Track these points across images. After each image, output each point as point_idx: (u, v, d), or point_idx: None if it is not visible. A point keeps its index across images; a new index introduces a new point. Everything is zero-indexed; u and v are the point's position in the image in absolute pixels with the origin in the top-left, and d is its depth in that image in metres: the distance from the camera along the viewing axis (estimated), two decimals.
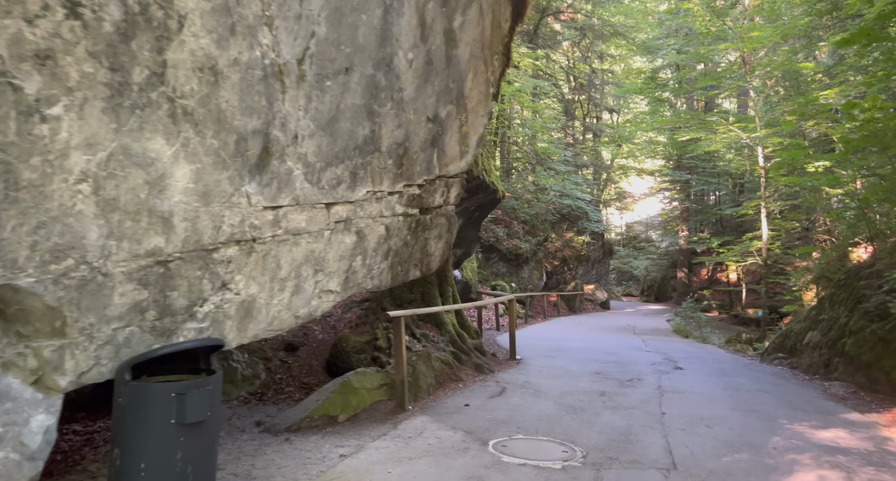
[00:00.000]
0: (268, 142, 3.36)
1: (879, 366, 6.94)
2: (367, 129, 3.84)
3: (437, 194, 4.54)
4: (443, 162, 4.39)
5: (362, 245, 4.14)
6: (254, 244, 3.53)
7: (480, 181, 12.26)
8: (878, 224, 8.32)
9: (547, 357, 9.34)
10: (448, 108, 4.29)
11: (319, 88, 3.50)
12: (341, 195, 3.87)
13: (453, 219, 5.01)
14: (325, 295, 4.04)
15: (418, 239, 4.50)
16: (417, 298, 7.77)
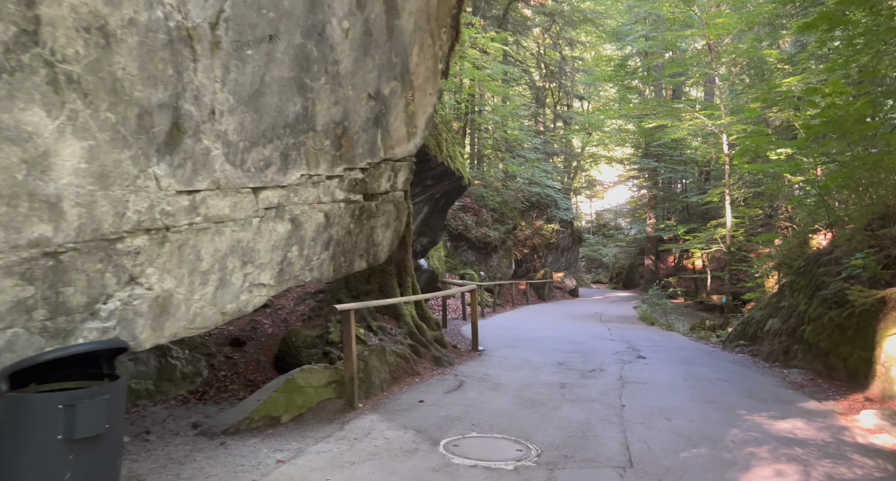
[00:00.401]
0: (178, 118, 2.96)
1: (837, 354, 6.96)
2: (298, 106, 3.47)
3: (382, 179, 4.21)
4: (388, 143, 4.06)
5: (298, 234, 3.78)
6: (167, 233, 3.14)
7: (445, 167, 11.94)
8: (838, 211, 8.36)
9: (510, 347, 9.16)
10: (392, 85, 3.94)
11: (239, 58, 3.11)
12: (271, 179, 3.50)
13: (402, 205, 4.69)
14: (256, 289, 3.68)
15: (363, 227, 4.17)
16: (375, 289, 7.44)
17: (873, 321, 6.53)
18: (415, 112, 4.21)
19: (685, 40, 20.08)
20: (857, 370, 6.66)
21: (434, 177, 11.92)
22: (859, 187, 8.11)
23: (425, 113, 4.36)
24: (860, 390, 6.50)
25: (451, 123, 13.30)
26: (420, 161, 11.13)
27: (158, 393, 5.60)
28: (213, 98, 3.07)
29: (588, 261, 51.69)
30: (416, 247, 14.02)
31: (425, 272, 14.68)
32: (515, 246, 28.36)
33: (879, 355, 6.34)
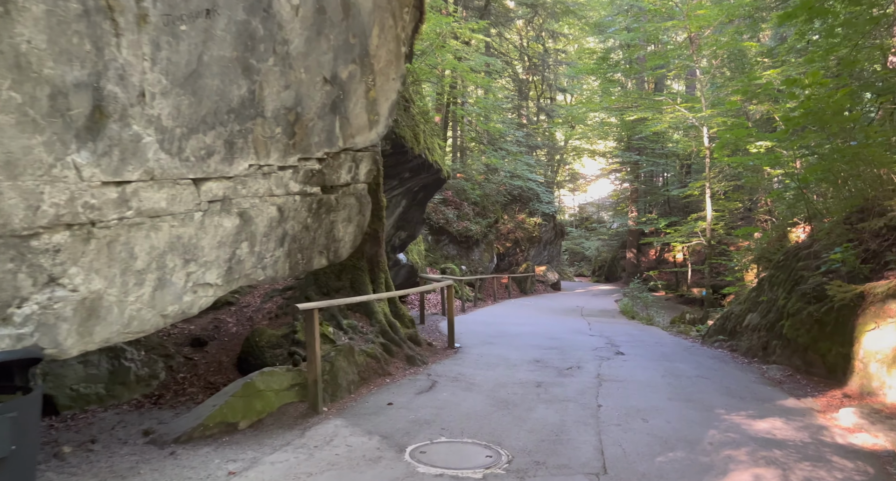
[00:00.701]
0: (100, 100, 2.65)
1: (815, 349, 6.88)
2: (243, 89, 3.16)
3: (342, 170, 3.92)
4: (347, 132, 3.77)
5: (248, 229, 3.49)
6: (93, 229, 2.83)
7: (423, 160, 11.65)
8: (817, 204, 8.29)
9: (488, 344, 8.96)
10: (350, 69, 3.65)
11: (171, 34, 2.79)
12: (215, 169, 3.19)
13: (365, 199, 4.40)
14: (201, 289, 3.37)
15: (322, 222, 3.88)
16: (346, 286, 7.15)
17: (852, 316, 6.45)
18: (376, 98, 3.92)
19: (666, 33, 20.00)
20: (835, 366, 6.58)
21: (411, 169, 11.63)
22: (838, 180, 8.03)
23: (388, 99, 4.08)
24: (838, 386, 6.42)
25: (429, 114, 12.99)
26: (396, 153, 10.85)
27: (110, 397, 5.27)
28: (143, 79, 2.76)
29: (571, 254, 51.88)
30: (394, 241, 13.74)
31: (404, 267, 14.42)
32: (498, 240, 28.22)
33: (858, 351, 6.26)
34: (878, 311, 6.22)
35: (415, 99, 11.66)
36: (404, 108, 10.74)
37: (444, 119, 27.76)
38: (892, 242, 6.65)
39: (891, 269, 6.56)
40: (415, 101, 11.53)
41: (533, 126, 34.39)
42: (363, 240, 7.28)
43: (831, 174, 7.90)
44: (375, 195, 7.42)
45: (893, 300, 6.10)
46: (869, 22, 8.06)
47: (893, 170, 6.65)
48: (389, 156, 10.56)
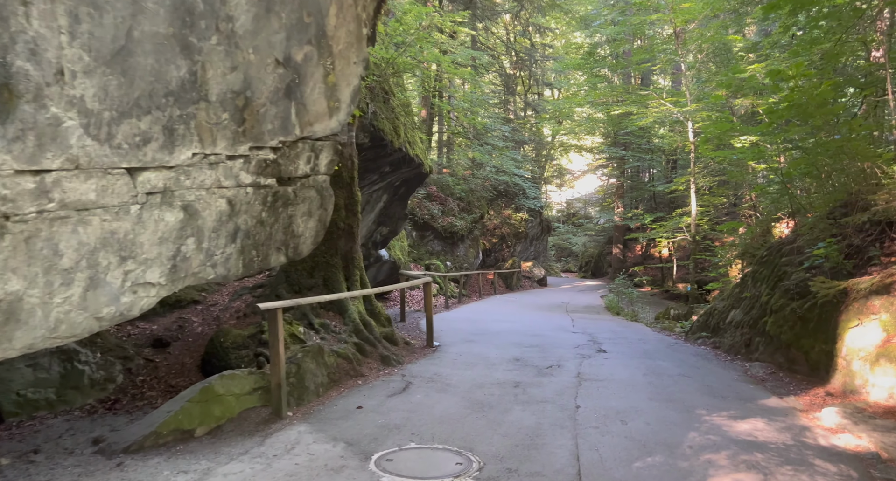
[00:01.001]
0: (8, 78, 2.36)
1: (798, 346, 6.76)
2: (183, 70, 2.88)
3: (300, 161, 3.65)
4: (305, 119, 3.50)
5: (194, 224, 3.21)
6: (6, 223, 2.54)
7: (403, 154, 11.38)
8: (800, 199, 8.17)
9: (468, 342, 8.74)
10: (305, 50, 3.38)
11: (92, 5, 2.51)
12: (152, 158, 2.91)
13: (327, 192, 4.13)
14: (142, 289, 3.10)
15: (279, 216, 3.62)
16: (319, 283, 6.89)
17: (835, 313, 6.33)
18: (336, 83, 3.65)
19: (652, 27, 19.88)
20: (818, 363, 6.46)
21: (392, 163, 11.36)
22: (822, 174, 7.92)
23: (350, 85, 3.81)
24: (821, 384, 6.31)
25: (410, 107, 12.71)
26: (375, 146, 10.57)
27: (61, 402, 4.97)
28: (60, 55, 2.47)
29: (558, 250, 51.94)
30: (375, 237, 13.47)
31: (386, 263, 14.16)
32: (484, 235, 28.04)
33: (841, 348, 6.14)
34: (861, 308, 6.11)
35: (395, 91, 11.37)
36: (383, 101, 10.46)
37: (428, 113, 27.47)
38: (876, 237, 6.54)
39: (874, 265, 6.45)
40: (395, 94, 11.25)
41: (520, 121, 34.21)
42: (337, 235, 7.02)
43: (815, 168, 7.78)
44: (350, 189, 7.16)
45: (876, 296, 5.98)
46: (853, 14, 7.94)
47: (877, 164, 6.53)
48: (368, 149, 10.28)
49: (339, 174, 6.95)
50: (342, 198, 6.97)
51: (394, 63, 10.66)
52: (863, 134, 6.62)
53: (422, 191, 21.23)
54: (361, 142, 9.91)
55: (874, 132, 6.97)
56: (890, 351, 5.55)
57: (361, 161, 10.74)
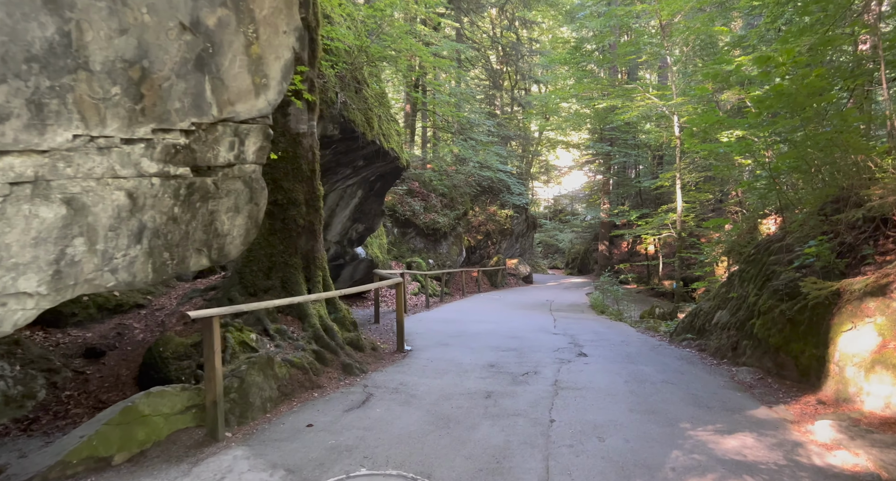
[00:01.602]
0: None
1: (787, 350, 6.38)
2: (50, 30, 2.35)
3: (220, 147, 3.13)
4: (224, 97, 2.98)
5: (83, 221, 2.69)
6: None
7: (378, 147, 10.85)
8: (788, 194, 7.80)
9: (442, 345, 8.27)
10: (219, 14, 2.86)
11: None
12: (14, 139, 2.38)
13: (258, 184, 3.61)
14: (14, 300, 2.57)
15: (197, 213, 3.10)
16: (276, 285, 6.36)
17: (827, 315, 5.96)
18: (262, 56, 3.14)
19: (637, 21, 19.50)
20: (808, 369, 6.09)
21: (365, 157, 10.83)
22: (811, 169, 7.55)
23: (280, 58, 3.29)
24: (812, 391, 5.94)
25: (386, 99, 12.17)
26: (346, 139, 10.03)
27: None
28: None
29: (545, 246, 51.73)
30: (351, 234, 12.94)
31: (363, 261, 13.64)
32: (468, 232, 27.60)
33: (833, 353, 5.77)
34: (854, 310, 5.73)
35: (368, 81, 10.83)
36: (355, 90, 9.92)
37: (412, 108, 26.91)
38: (870, 235, 6.17)
39: (868, 264, 6.08)
40: (368, 84, 10.71)
41: (505, 116, 33.76)
42: (296, 233, 6.49)
43: (804, 162, 7.40)
44: (311, 183, 6.64)
45: (871, 298, 5.61)
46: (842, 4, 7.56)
47: (871, 157, 6.15)
48: (339, 142, 9.75)
49: (298, 167, 6.42)
50: (302, 192, 6.44)
51: (366, 51, 10.12)
52: (854, 126, 6.24)
53: (403, 187, 20.70)
54: (331, 134, 9.37)
55: (864, 124, 6.59)
56: (886, 357, 5.17)
57: (332, 155, 10.21)
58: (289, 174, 6.30)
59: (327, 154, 9.97)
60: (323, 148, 9.71)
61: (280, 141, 6.25)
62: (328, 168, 10.63)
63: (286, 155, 6.29)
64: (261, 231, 6.34)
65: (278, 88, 3.34)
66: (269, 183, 6.37)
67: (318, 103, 6.72)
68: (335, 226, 12.33)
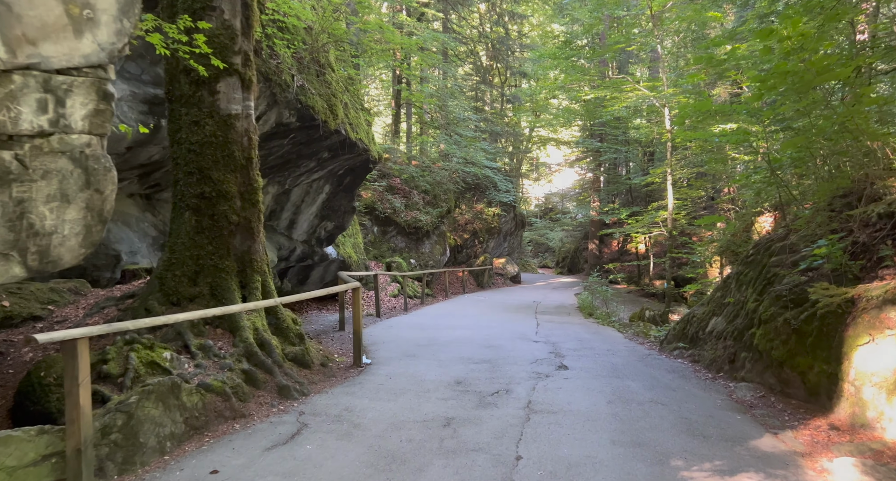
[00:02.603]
0: None
1: (793, 365, 5.58)
2: None
3: (23, 106, 2.23)
4: (16, 32, 2.10)
5: None
6: None
7: (343, 137, 9.95)
8: (791, 188, 7.02)
9: (408, 357, 7.41)
10: None
11: None
12: None
13: (100, 163, 2.67)
14: None
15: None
16: (205, 293, 5.47)
17: (840, 326, 5.16)
18: None
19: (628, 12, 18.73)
20: (818, 387, 5.30)
21: (330, 148, 9.93)
22: (817, 159, 6.76)
23: None
24: (823, 413, 5.15)
25: (356, 86, 11.26)
26: (306, 127, 9.13)
27: None
28: None
29: (535, 245, 51.05)
30: (319, 233, 12.04)
31: (333, 262, 12.75)
32: (454, 231, 26.77)
33: (847, 370, 4.97)
34: (872, 321, 4.94)
35: (334, 65, 9.93)
36: (317, 74, 9.02)
37: (396, 102, 26.00)
38: (888, 233, 5.38)
39: (886, 267, 5.28)
40: (334, 68, 9.81)
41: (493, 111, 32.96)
42: (229, 231, 5.61)
43: (808, 152, 6.60)
44: (246, 173, 5.74)
45: (893, 307, 4.82)
46: None
47: (889, 143, 5.35)
48: (298, 130, 8.85)
49: (229, 154, 5.53)
50: (235, 184, 5.55)
51: (329, 32, 9.22)
52: (870, 108, 5.44)
53: (383, 183, 19.82)
54: (287, 121, 8.48)
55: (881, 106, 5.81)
56: None
57: (292, 145, 9.31)
58: (218, 162, 5.41)
59: (285, 144, 9.08)
60: (280, 137, 8.82)
61: (206, 123, 5.35)
62: (289, 160, 9.74)
63: (215, 140, 5.39)
64: (185, 229, 5.44)
65: (115, 27, 2.45)
66: (195, 173, 5.48)
67: (255, 81, 5.82)
68: (301, 224, 11.44)
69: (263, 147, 8.88)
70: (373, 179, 19.36)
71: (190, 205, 5.39)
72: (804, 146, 6.38)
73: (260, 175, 5.87)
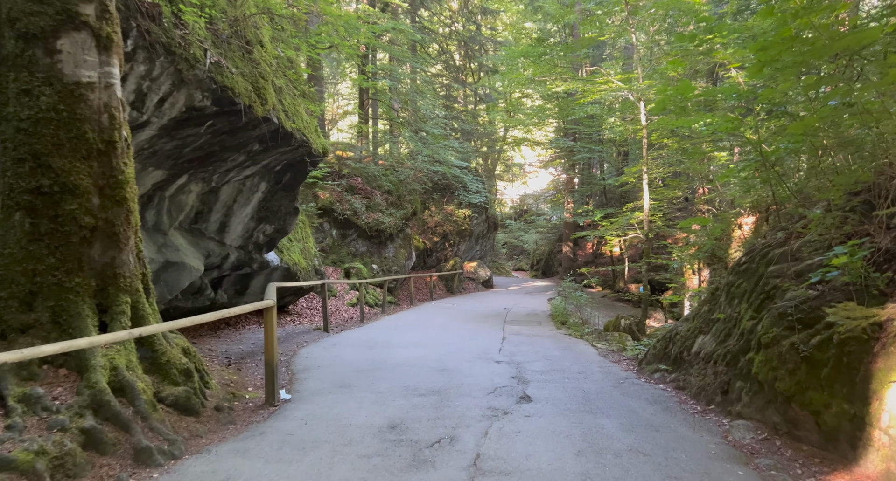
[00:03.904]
0: None
1: (803, 402, 4.49)
2: None
3: None
4: None
5: None
6: None
7: (277, 127, 8.58)
8: (792, 184, 5.98)
9: (341, 389, 6.12)
10: None
11: None
12: None
13: None
14: None
15: None
16: (44, 320, 4.09)
17: (865, 356, 4.09)
18: None
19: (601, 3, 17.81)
20: (837, 432, 4.22)
21: (261, 139, 8.57)
22: (818, 150, 5.73)
23: None
24: (845, 466, 4.07)
25: (297, 70, 9.93)
26: (225, 113, 7.73)
27: None
28: None
29: (510, 247, 50.21)
30: (256, 237, 10.65)
31: (277, 270, 11.37)
32: (423, 233, 25.53)
33: (878, 414, 3.90)
34: None
35: (265, 41, 8.58)
36: (241, 51, 7.69)
37: (360, 98, 24.65)
38: None
39: None
40: (265, 46, 8.46)
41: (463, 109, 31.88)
42: (80, 238, 4.25)
43: (811, 141, 5.55)
44: (107, 160, 4.39)
45: None
46: None
47: None
48: (216, 116, 7.47)
49: (80, 136, 4.18)
50: (88, 175, 4.20)
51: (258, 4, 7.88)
52: None
53: (343, 182, 18.46)
54: (200, 105, 7.11)
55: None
56: None
57: (212, 135, 7.92)
58: (62, 146, 4.05)
59: (203, 134, 7.70)
60: (194, 125, 7.44)
61: (42, 93, 3.99)
62: (211, 153, 8.35)
63: (56, 116, 4.03)
64: (15, 236, 4.07)
65: None
66: (28, 159, 4.10)
67: (118, 43, 4.48)
68: (234, 228, 10.04)
69: (175, 136, 7.51)
70: (330, 178, 17.98)
71: (22, 204, 4.02)
72: (809, 133, 5.32)
73: (162, 167, 4.52)
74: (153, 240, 8.66)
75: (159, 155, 7.66)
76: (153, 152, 7.52)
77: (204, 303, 10.39)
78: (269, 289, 7.10)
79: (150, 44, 6.13)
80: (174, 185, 8.52)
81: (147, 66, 6.25)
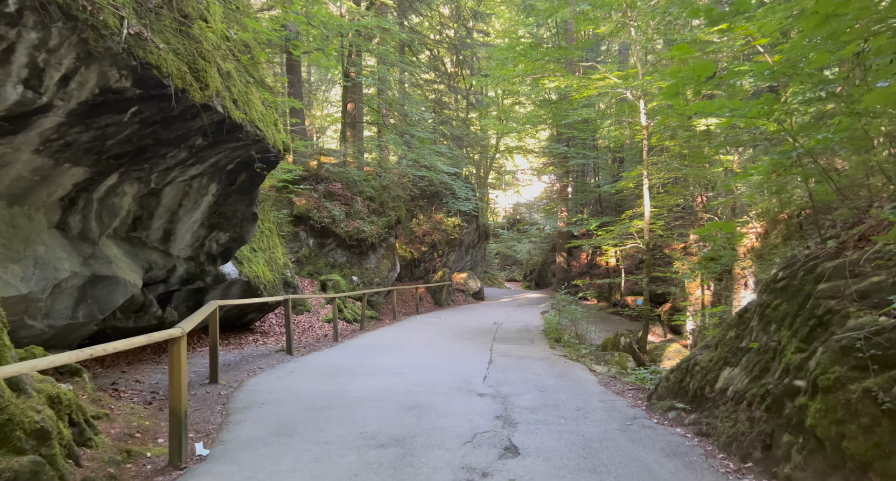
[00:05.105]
0: None
1: (888, 473, 3.28)
2: None
3: None
4: None
5: None
6: None
7: (223, 117, 7.25)
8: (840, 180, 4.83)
9: (279, 438, 4.85)
10: None
11: None
12: None
13: None
14: None
15: None
16: None
17: None
18: None
19: None
20: None
21: (204, 132, 7.32)
22: (873, 141, 4.58)
23: None
24: None
25: (253, 54, 8.74)
26: (152, 97, 6.36)
27: None
28: None
29: (503, 257, 49.09)
30: (209, 247, 9.37)
31: (235, 283, 10.11)
32: (411, 243, 24.32)
33: None
34: None
35: (211, 18, 7.39)
36: (174, 24, 6.49)
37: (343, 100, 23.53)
38: None
39: None
40: (208, 20, 7.27)
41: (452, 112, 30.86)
42: None
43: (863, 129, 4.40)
44: None
45: None
46: None
47: None
48: (140, 101, 6.20)
49: None
50: None
51: None
52: None
53: (321, 187, 17.24)
54: (118, 86, 5.87)
55: None
56: None
57: (140, 124, 6.66)
58: None
59: (128, 122, 6.45)
60: (113, 111, 6.20)
61: None
62: (144, 148, 7.10)
63: None
64: None
65: None
66: None
67: None
68: (182, 236, 8.76)
69: (91, 125, 6.28)
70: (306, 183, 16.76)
71: None
72: (866, 116, 4.16)
73: None
74: (78, 251, 7.39)
75: (75, 148, 6.41)
76: (65, 144, 6.27)
77: (150, 321, 9.11)
78: (199, 310, 5.83)
79: (42, 4, 4.93)
80: (102, 186, 7.26)
81: (40, 32, 5.02)
